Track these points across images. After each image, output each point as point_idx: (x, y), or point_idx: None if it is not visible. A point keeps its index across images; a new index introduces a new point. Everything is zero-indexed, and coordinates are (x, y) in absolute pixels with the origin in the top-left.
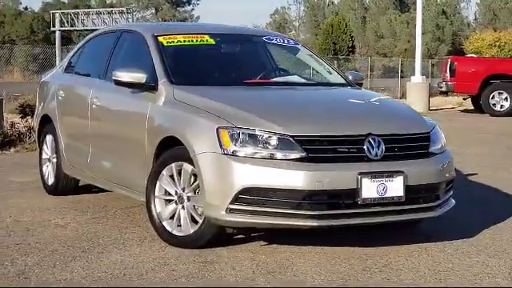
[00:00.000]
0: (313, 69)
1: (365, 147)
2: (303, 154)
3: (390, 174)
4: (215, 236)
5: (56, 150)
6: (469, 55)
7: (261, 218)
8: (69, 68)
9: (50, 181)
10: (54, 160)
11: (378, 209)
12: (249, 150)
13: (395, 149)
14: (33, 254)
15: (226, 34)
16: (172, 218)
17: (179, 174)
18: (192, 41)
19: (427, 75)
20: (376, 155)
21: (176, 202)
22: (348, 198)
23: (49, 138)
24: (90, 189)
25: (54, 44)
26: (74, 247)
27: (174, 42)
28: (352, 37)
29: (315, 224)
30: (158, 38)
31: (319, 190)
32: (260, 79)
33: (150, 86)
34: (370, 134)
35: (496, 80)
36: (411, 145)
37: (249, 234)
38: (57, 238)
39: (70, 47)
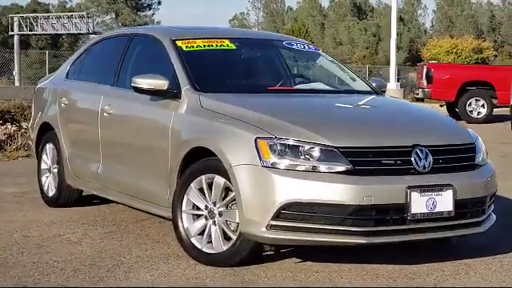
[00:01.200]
0: (334, 75)
1: (412, 159)
2: (349, 167)
3: (440, 188)
4: (250, 254)
5: (58, 159)
6: (431, 62)
7: (304, 235)
8: (71, 74)
9: (51, 192)
10: (55, 170)
11: (426, 225)
12: (290, 162)
13: (443, 161)
14: (55, 274)
15: (245, 38)
16: (201, 234)
17: (209, 187)
18: (212, 45)
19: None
20: (424, 167)
21: (206, 217)
22: (396, 213)
23: (49, 146)
24: (91, 200)
25: (13, 48)
26: (96, 266)
27: (193, 46)
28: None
29: (363, 241)
30: (177, 42)
31: (367, 204)
32: (281, 86)
33: (172, 94)
34: (416, 145)
35: (472, 87)
36: (458, 156)
37: (278, 251)
38: (75, 256)
39: (28, 51)
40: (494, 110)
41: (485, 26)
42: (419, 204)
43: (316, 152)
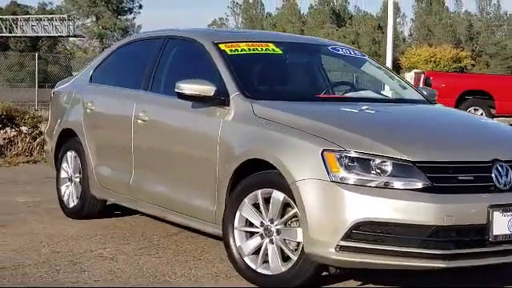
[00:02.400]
0: (382, 83)
1: (493, 175)
2: (428, 183)
3: None
4: (312, 276)
5: (82, 168)
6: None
7: (376, 258)
8: (96, 78)
9: (72, 203)
10: (77, 180)
11: (508, 247)
12: (361, 177)
13: None
14: None
15: (290, 42)
16: (256, 253)
17: (266, 202)
18: (257, 49)
19: None
20: (505, 185)
21: (262, 235)
22: (477, 234)
23: (70, 154)
24: (111, 211)
25: None
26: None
27: (237, 50)
28: None
29: (442, 265)
30: (220, 45)
31: (448, 225)
32: (329, 94)
33: (219, 101)
34: (496, 160)
35: (470, 96)
36: None
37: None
38: (115, 275)
39: (7, 53)
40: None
41: (463, 35)
42: (501, 224)
43: (391, 167)
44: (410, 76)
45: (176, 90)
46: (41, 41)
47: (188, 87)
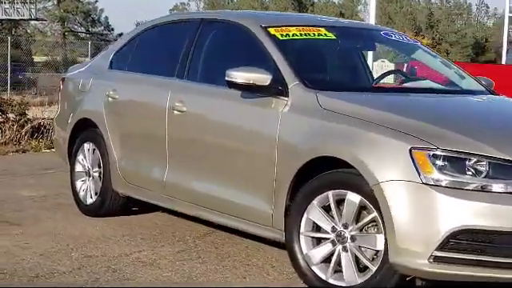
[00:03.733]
0: (439, 71)
1: None
2: None
3: None
4: None
5: (102, 162)
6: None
7: (476, 270)
8: (117, 64)
9: (90, 199)
10: (96, 174)
11: None
12: (456, 178)
13: None
14: None
15: (342, 27)
16: (326, 261)
17: (338, 205)
18: (309, 34)
19: None
20: None
21: (333, 241)
22: None
23: (87, 146)
24: (128, 208)
25: None
26: None
27: (289, 35)
28: None
29: None
30: (269, 30)
31: None
32: (384, 83)
33: (276, 90)
34: None
35: None
36: None
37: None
38: (165, 284)
39: None
40: None
41: (423, 23)
42: None
43: (485, 167)
44: (376, 65)
45: (227, 79)
46: (1, 24)
47: (241, 75)
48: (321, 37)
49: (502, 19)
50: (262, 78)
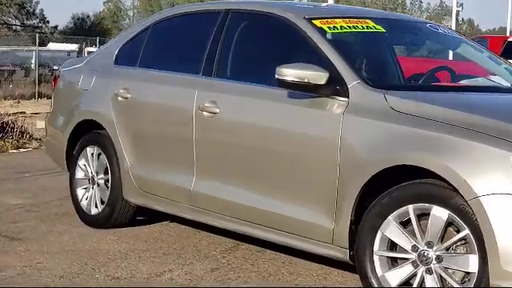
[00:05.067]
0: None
1: None
2: None
3: None
4: None
5: (110, 168)
6: None
7: None
8: (124, 59)
9: (94, 209)
10: (102, 181)
11: None
12: None
13: None
14: None
15: (388, 19)
16: (405, 284)
17: (418, 220)
18: (357, 27)
19: None
20: None
21: (415, 262)
22: None
23: (91, 150)
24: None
25: None
26: None
27: (337, 28)
28: None
29: None
30: (314, 22)
31: None
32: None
33: (333, 90)
34: None
35: None
36: None
37: None
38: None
39: None
40: None
41: None
42: None
43: None
44: None
45: (277, 76)
46: None
47: (293, 73)
48: (370, 30)
49: (436, 13)
50: (318, 75)
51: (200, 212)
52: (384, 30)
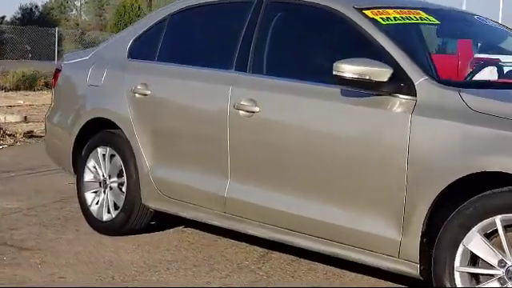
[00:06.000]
0: None
1: None
2: None
3: None
4: None
5: (126, 170)
6: None
7: None
8: (139, 52)
9: (106, 215)
10: (115, 185)
11: None
12: None
13: None
14: None
15: (439, 9)
16: None
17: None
18: (410, 18)
19: None
20: None
21: (502, 278)
22: None
23: (102, 151)
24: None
25: None
26: None
27: (390, 19)
28: None
29: None
30: (365, 12)
31: None
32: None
33: (396, 87)
34: None
35: None
36: None
37: None
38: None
39: None
40: None
41: None
42: None
43: None
44: None
45: (335, 73)
46: None
47: (353, 69)
48: (424, 21)
49: None
50: (381, 71)
51: (234, 219)
52: (438, 22)
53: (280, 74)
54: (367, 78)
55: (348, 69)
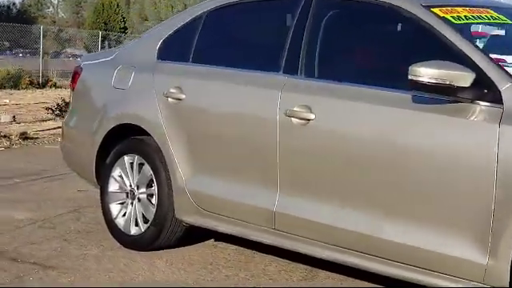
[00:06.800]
0: None
1: None
2: None
3: None
4: None
5: (157, 181)
6: None
7: None
8: (169, 53)
9: (134, 228)
10: (144, 196)
11: None
12: None
13: None
14: None
15: (510, 8)
16: None
17: None
18: (481, 17)
19: None
20: None
21: None
22: None
23: (129, 160)
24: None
25: None
26: None
27: (461, 17)
28: (124, 18)
29: None
30: (433, 10)
31: None
32: None
33: (478, 94)
34: None
35: None
36: None
37: None
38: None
39: None
40: None
41: None
42: None
43: None
44: None
45: (411, 77)
46: None
47: (432, 73)
48: (496, 21)
49: None
50: (463, 76)
51: (285, 237)
52: (510, 22)
53: (337, 77)
54: (447, 82)
55: (426, 72)
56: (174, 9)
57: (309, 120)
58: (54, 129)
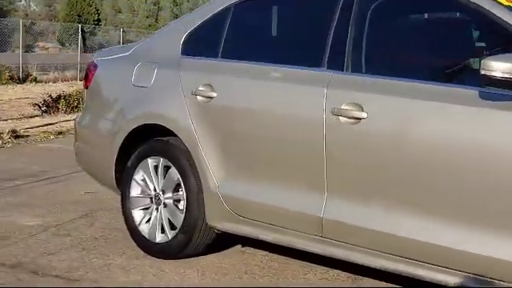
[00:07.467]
0: None
1: None
2: None
3: None
4: None
5: (185, 185)
6: None
7: None
8: (195, 48)
9: (160, 235)
10: (170, 201)
11: None
12: None
13: None
14: None
15: None
16: None
17: None
18: None
19: None
20: None
21: None
22: None
23: (153, 163)
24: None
25: None
26: None
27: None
28: (98, 10)
29: None
30: None
31: None
32: None
33: None
34: None
35: None
36: None
37: None
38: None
39: None
40: None
41: None
42: None
43: None
44: None
45: (483, 72)
46: None
47: (507, 67)
48: None
49: None
50: None
51: (335, 245)
52: None
53: (389, 73)
54: None
55: (500, 67)
56: (148, 0)
57: (360, 119)
58: (43, 126)
